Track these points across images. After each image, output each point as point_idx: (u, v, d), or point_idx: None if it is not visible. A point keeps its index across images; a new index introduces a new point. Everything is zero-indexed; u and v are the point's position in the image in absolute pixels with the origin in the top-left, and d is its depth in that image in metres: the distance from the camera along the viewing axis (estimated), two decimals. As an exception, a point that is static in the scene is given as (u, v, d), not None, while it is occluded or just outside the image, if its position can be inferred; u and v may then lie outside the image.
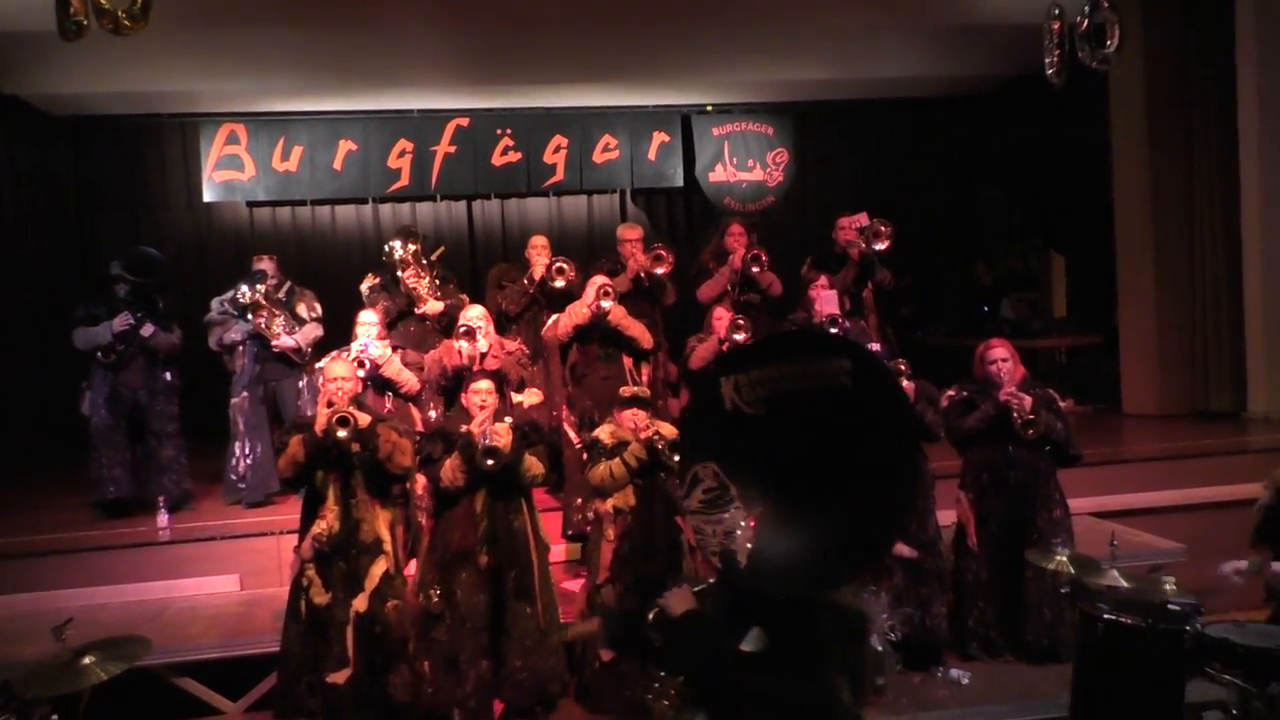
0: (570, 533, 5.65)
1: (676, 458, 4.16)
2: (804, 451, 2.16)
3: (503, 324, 6.36)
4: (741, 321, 5.65)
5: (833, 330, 5.55)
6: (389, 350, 5.29)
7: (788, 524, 2.13)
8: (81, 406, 6.28)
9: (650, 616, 2.34)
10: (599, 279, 5.76)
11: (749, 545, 2.12)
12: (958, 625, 4.91)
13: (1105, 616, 3.53)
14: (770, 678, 2.12)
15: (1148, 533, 5.82)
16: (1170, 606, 3.49)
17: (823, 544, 2.11)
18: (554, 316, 5.93)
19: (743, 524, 2.14)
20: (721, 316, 5.84)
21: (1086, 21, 5.57)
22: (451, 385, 5.30)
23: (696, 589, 2.36)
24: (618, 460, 4.45)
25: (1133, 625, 3.45)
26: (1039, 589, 4.68)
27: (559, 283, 6.19)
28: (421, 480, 4.96)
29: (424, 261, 6.27)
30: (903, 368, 4.77)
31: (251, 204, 9.81)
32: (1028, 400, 4.71)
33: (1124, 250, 8.38)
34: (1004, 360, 4.84)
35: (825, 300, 5.71)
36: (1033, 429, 4.65)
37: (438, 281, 6.36)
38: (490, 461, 4.26)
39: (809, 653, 2.14)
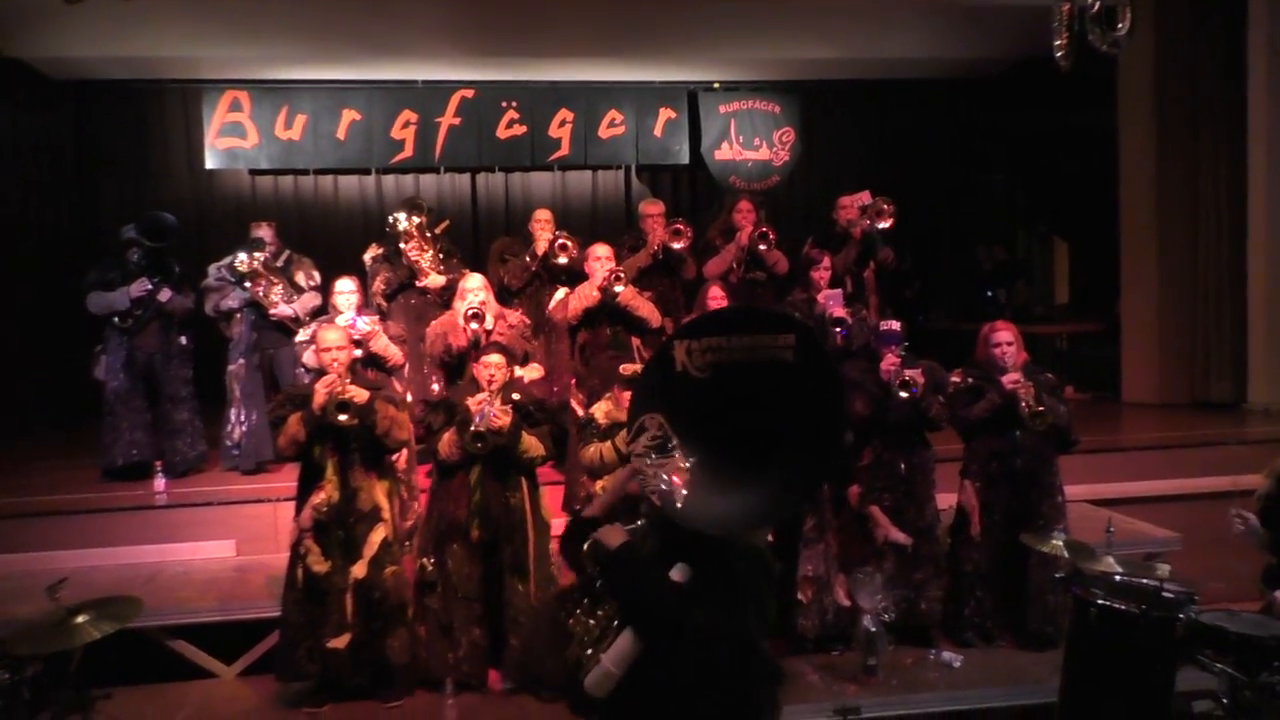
0: (576, 508, 5.65)
1: None
2: (741, 415, 2.42)
3: (504, 298, 6.35)
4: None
5: (836, 329, 5.50)
6: (376, 325, 5.25)
7: (721, 475, 2.38)
8: (95, 371, 6.29)
9: (585, 548, 2.49)
10: (601, 249, 5.72)
11: (685, 489, 2.36)
12: (953, 613, 4.92)
13: (1099, 602, 3.52)
14: (694, 606, 2.34)
15: (1144, 521, 5.82)
16: (1164, 593, 3.49)
17: (750, 496, 2.37)
18: (560, 294, 5.91)
19: (682, 469, 2.38)
20: (717, 295, 5.81)
21: (1098, 4, 5.51)
22: (452, 364, 5.29)
23: (630, 528, 2.52)
24: (609, 444, 4.44)
25: (1125, 611, 3.45)
26: (1042, 576, 4.69)
27: (561, 259, 6.17)
28: (403, 454, 4.97)
29: (428, 235, 6.24)
30: (910, 380, 4.68)
31: (254, 172, 9.77)
32: (1033, 389, 4.69)
33: (1128, 238, 8.36)
34: (1009, 344, 4.82)
35: (831, 300, 5.64)
36: (1041, 419, 4.63)
37: (440, 255, 6.34)
38: (479, 445, 4.26)
39: (728, 587, 2.38)
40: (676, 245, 6.25)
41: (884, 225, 6.37)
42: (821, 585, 4.71)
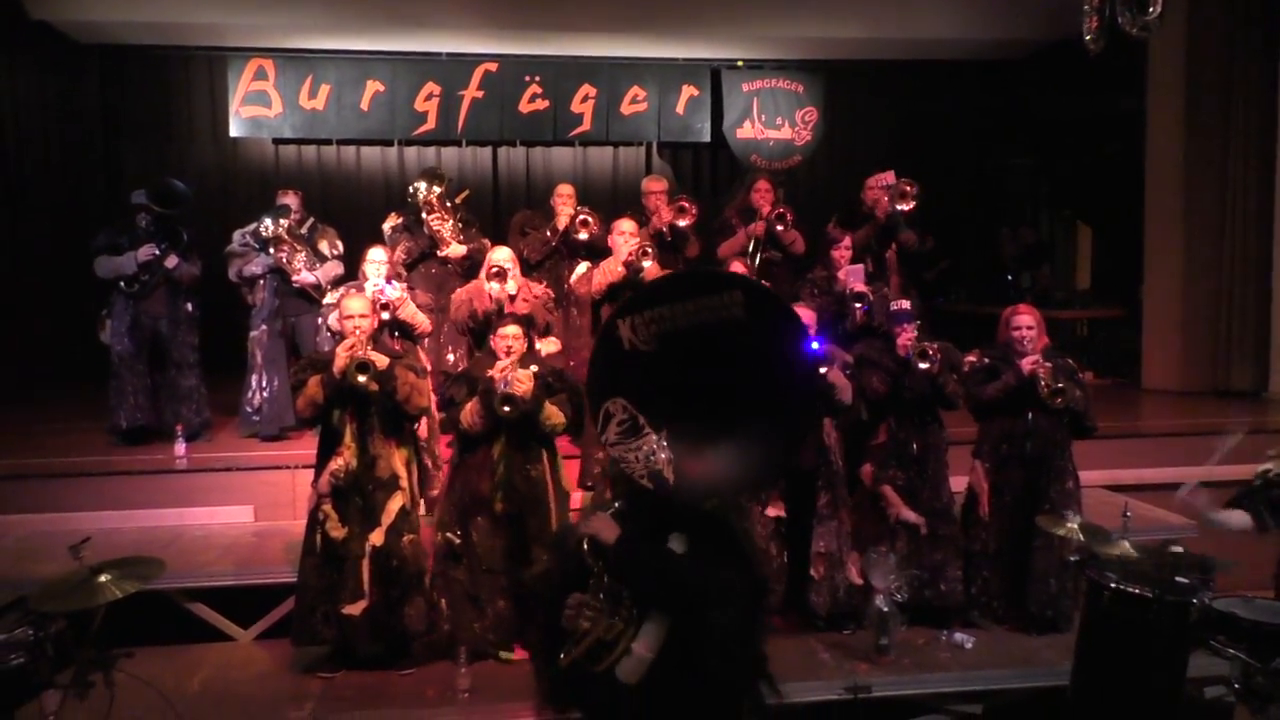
0: (589, 483, 5.68)
1: None
2: (701, 380, 2.42)
3: (524, 271, 6.33)
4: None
5: (856, 305, 5.49)
6: (404, 292, 5.27)
7: (700, 444, 2.39)
8: (101, 334, 6.34)
9: (585, 546, 2.48)
10: (627, 225, 5.70)
11: (670, 464, 2.37)
12: (964, 592, 4.91)
13: (1112, 585, 3.52)
14: (709, 570, 2.36)
15: (1160, 508, 5.80)
16: (1178, 579, 3.48)
17: (738, 458, 2.39)
18: (582, 267, 5.90)
19: (660, 448, 2.39)
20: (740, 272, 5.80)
21: (1128, -13, 5.42)
22: (478, 329, 5.30)
23: (610, 513, 2.52)
24: None
25: (1139, 595, 3.45)
26: (1046, 559, 4.69)
27: (582, 235, 6.17)
28: (424, 422, 4.99)
29: (448, 204, 6.24)
30: (929, 350, 4.70)
31: (278, 141, 9.78)
32: (1051, 368, 4.68)
33: (1152, 224, 8.28)
34: (1029, 328, 4.81)
35: (852, 275, 5.63)
36: (1060, 398, 4.62)
37: (460, 225, 6.34)
38: (507, 409, 4.28)
39: (732, 543, 2.44)
40: (681, 222, 6.22)
41: (906, 207, 6.33)
42: (834, 562, 4.71)
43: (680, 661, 2.39)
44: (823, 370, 4.47)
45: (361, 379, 4.21)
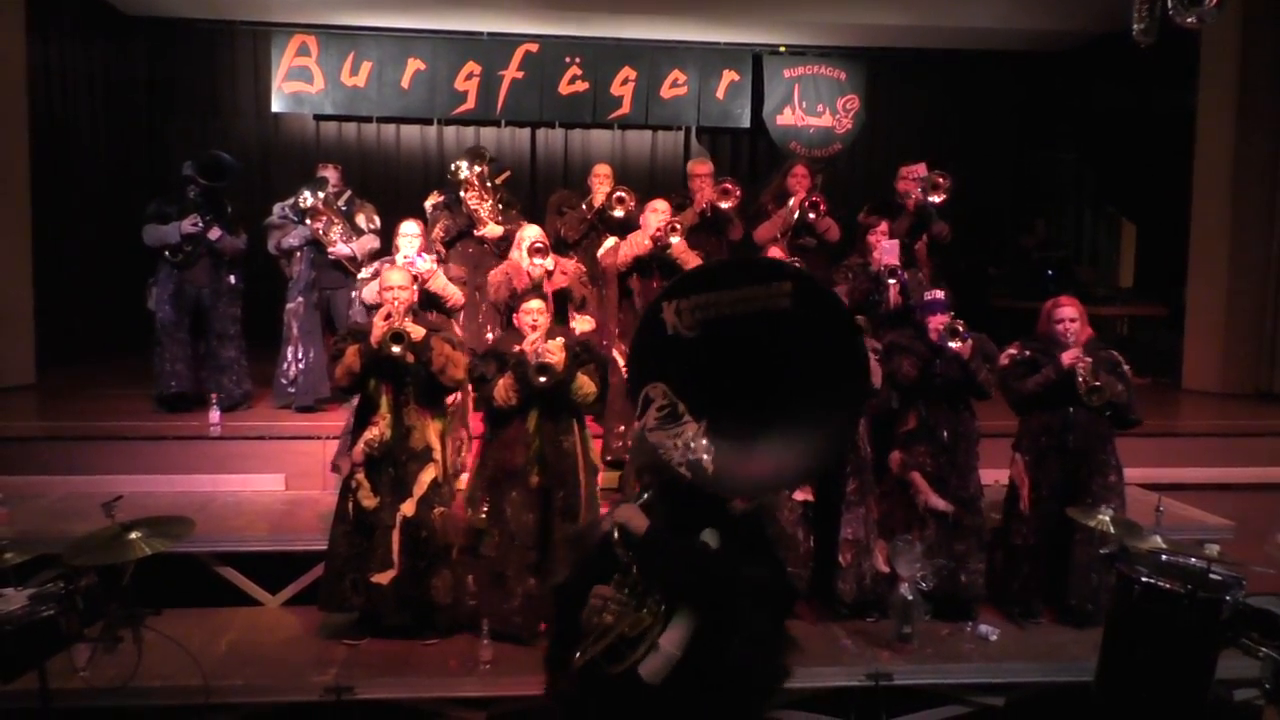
0: (609, 459, 5.68)
1: None
2: (746, 369, 2.34)
3: (560, 250, 6.34)
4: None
5: (890, 281, 5.45)
6: (435, 265, 5.29)
7: (740, 435, 2.32)
8: (147, 301, 6.44)
9: (615, 535, 2.39)
10: (660, 204, 5.69)
11: (709, 455, 2.30)
12: (1001, 586, 4.88)
13: (1143, 579, 3.46)
14: (739, 566, 2.29)
15: (1196, 508, 5.71)
16: (1211, 575, 3.42)
17: (778, 452, 2.32)
18: (609, 241, 5.90)
19: (699, 436, 2.32)
20: (776, 257, 5.76)
21: (1182, -22, 5.30)
22: (517, 307, 5.31)
23: (640, 504, 2.44)
24: None
25: (1170, 590, 3.38)
26: (1086, 552, 4.64)
27: (618, 212, 6.16)
28: (457, 397, 5.00)
29: (488, 185, 6.26)
30: (959, 327, 4.69)
31: (319, 117, 9.87)
32: (1090, 364, 4.60)
33: (1199, 221, 8.12)
34: (1072, 320, 4.74)
35: (886, 250, 5.60)
36: (1097, 395, 4.56)
37: (500, 206, 6.34)
38: (543, 378, 4.29)
39: (758, 538, 2.37)
40: (725, 205, 6.20)
41: (937, 199, 6.25)
42: (861, 550, 4.68)
43: (706, 664, 2.30)
44: None
45: (396, 349, 4.24)
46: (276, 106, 9.54)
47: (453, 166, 6.28)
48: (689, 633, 2.31)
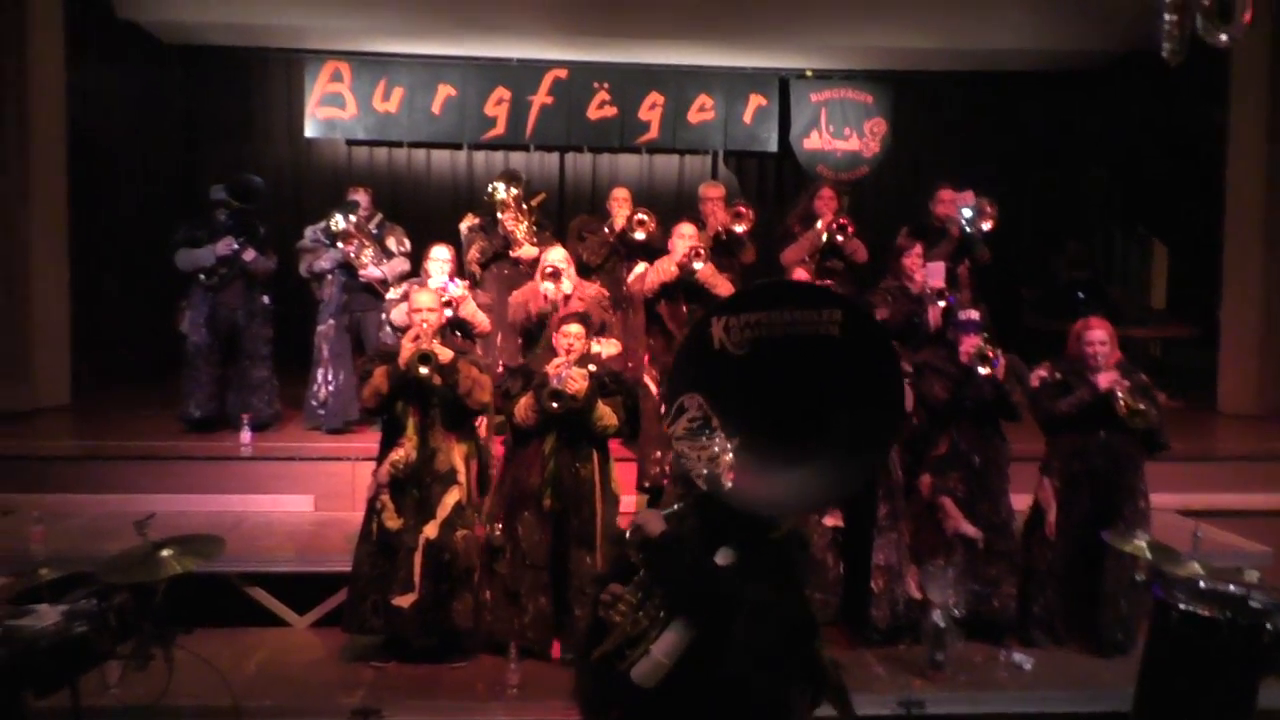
0: (646, 485, 5.67)
1: None
2: (785, 393, 2.37)
3: (583, 274, 6.36)
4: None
5: (938, 304, 5.43)
6: (466, 290, 5.33)
7: (768, 455, 2.34)
8: (180, 324, 6.52)
9: (629, 535, 2.45)
10: (687, 228, 5.72)
11: (732, 470, 2.32)
12: (1023, 610, 4.81)
13: (1181, 606, 3.41)
14: (743, 587, 2.30)
15: (1234, 534, 5.61)
16: (1251, 602, 3.36)
17: (803, 476, 2.33)
18: (639, 267, 5.92)
19: (725, 450, 2.34)
20: (802, 280, 5.75)
21: (1210, -4, 5.25)
22: (534, 329, 5.34)
23: (666, 513, 2.48)
24: None
25: (1209, 617, 3.33)
26: (1117, 580, 4.58)
27: (639, 234, 6.19)
28: (483, 420, 5.02)
29: (524, 206, 6.30)
30: (989, 353, 4.63)
31: (351, 142, 9.98)
32: (1128, 386, 4.55)
33: (1232, 241, 8.01)
34: (1102, 343, 4.69)
35: (933, 272, 5.59)
36: (1140, 419, 4.50)
37: (535, 227, 6.39)
38: (555, 404, 4.29)
39: (775, 567, 2.37)
40: (738, 228, 6.20)
41: (986, 227, 6.25)
42: (893, 575, 4.64)
43: (698, 679, 2.32)
44: None
45: (423, 370, 4.27)
46: (309, 132, 9.66)
47: (490, 188, 6.34)
48: (682, 643, 2.32)
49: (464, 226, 6.49)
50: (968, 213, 6.25)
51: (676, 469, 2.76)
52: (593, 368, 4.47)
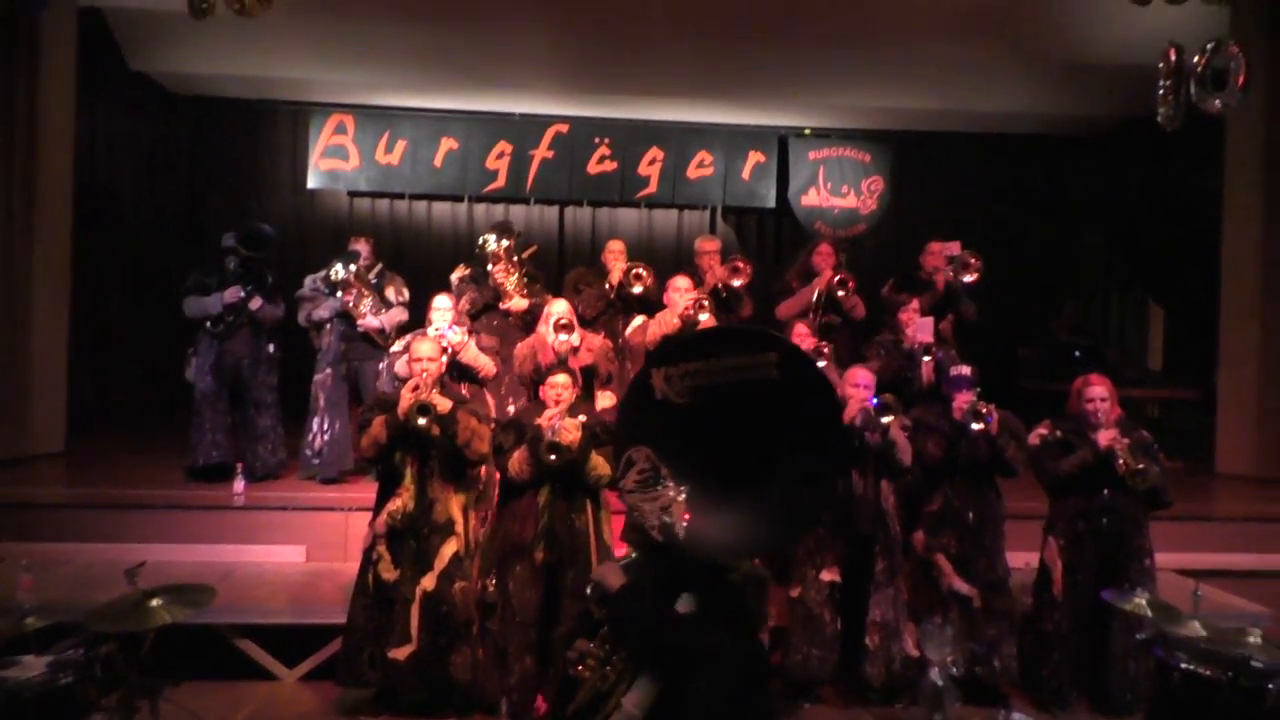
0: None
1: None
2: (730, 439, 2.43)
3: (582, 327, 6.38)
4: (825, 349, 5.52)
5: (925, 359, 5.44)
6: (466, 336, 5.34)
7: (718, 502, 2.39)
8: (186, 372, 6.51)
9: (589, 590, 2.49)
10: (682, 282, 5.74)
11: (685, 520, 2.37)
12: (1031, 673, 4.75)
13: (1182, 666, 3.37)
14: (703, 633, 2.32)
15: (1234, 594, 5.56)
16: (1254, 663, 3.31)
17: (752, 520, 2.39)
18: (638, 319, 5.93)
19: (677, 501, 2.39)
20: (802, 334, 5.76)
21: (1204, 64, 5.33)
22: (541, 381, 5.32)
23: (624, 563, 2.52)
24: None
25: (1211, 678, 3.29)
26: (1125, 641, 4.52)
27: (636, 289, 6.21)
28: (483, 471, 5.00)
29: (515, 258, 6.34)
30: (982, 409, 4.62)
31: (353, 193, 10.07)
32: (1128, 445, 4.54)
33: (1229, 305, 8.06)
34: (1103, 400, 4.69)
35: (921, 327, 5.61)
36: (1140, 479, 4.48)
37: (526, 279, 6.42)
38: (553, 457, 4.28)
39: (736, 610, 2.41)
40: (735, 282, 6.22)
41: (969, 279, 6.26)
42: (890, 632, 4.58)
43: None
44: (884, 420, 4.41)
45: (421, 421, 4.26)
46: (312, 183, 9.76)
47: (481, 240, 6.38)
48: (650, 694, 2.33)
49: (455, 277, 6.52)
50: (951, 261, 6.28)
51: (630, 519, 2.78)
52: (583, 418, 4.46)
